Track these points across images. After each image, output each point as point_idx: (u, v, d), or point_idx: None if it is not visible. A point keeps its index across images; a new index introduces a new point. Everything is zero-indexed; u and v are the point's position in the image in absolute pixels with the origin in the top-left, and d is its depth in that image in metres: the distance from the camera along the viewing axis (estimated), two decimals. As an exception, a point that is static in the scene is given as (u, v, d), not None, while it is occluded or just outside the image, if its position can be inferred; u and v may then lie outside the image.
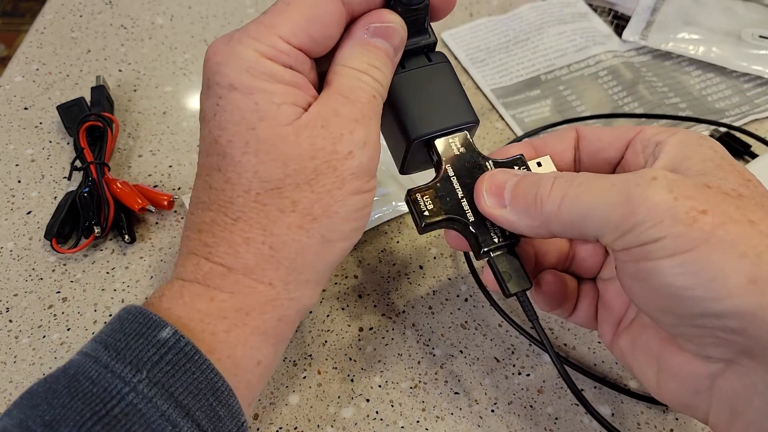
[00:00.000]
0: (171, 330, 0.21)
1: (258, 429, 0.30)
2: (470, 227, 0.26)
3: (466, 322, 0.34)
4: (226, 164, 0.23)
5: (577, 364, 0.32)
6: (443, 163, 0.27)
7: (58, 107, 0.42)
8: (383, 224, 0.38)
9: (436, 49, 0.28)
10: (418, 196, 0.26)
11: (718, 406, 0.22)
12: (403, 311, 0.34)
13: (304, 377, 0.32)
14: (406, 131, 0.27)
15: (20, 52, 0.48)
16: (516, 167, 0.27)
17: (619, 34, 0.49)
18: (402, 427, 0.30)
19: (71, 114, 0.42)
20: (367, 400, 0.31)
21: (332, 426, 0.30)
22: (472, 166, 0.27)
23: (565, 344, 0.33)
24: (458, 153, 0.27)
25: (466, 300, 0.34)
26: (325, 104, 0.24)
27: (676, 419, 0.30)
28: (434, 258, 0.36)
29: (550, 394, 0.31)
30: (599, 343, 0.33)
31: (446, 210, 0.26)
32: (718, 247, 0.19)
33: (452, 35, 0.50)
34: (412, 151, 0.27)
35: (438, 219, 0.26)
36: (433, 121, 0.27)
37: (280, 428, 0.30)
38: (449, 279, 0.35)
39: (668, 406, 0.28)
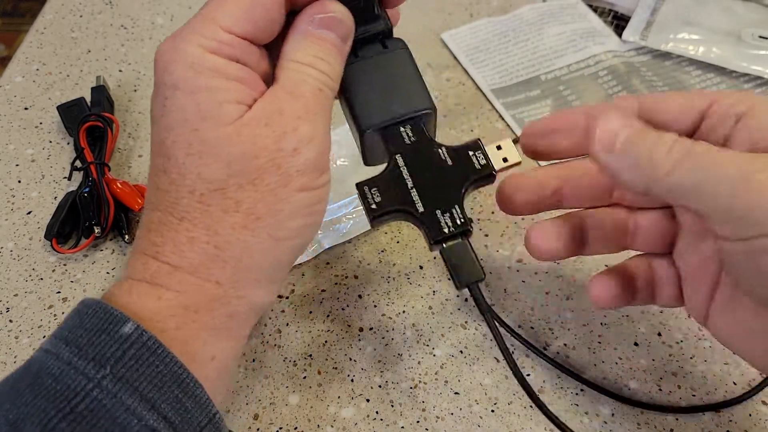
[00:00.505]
0: (133, 325, 0.21)
1: (258, 429, 0.30)
2: (419, 217, 0.25)
3: (466, 322, 0.34)
4: (171, 166, 0.23)
5: (575, 368, 0.32)
6: (393, 152, 0.26)
7: (58, 107, 0.42)
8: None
9: (399, 39, 0.27)
10: (366, 188, 0.26)
11: None
12: (403, 311, 0.34)
13: (304, 377, 0.32)
14: (358, 123, 0.26)
15: (20, 52, 0.48)
16: (471, 152, 0.26)
17: (619, 35, 0.49)
18: (402, 427, 0.30)
19: (71, 114, 0.42)
20: (367, 400, 0.31)
21: (332, 426, 0.30)
22: (424, 155, 0.26)
23: (566, 344, 0.33)
24: (410, 142, 0.26)
25: (466, 300, 0.34)
26: (269, 101, 0.24)
27: (676, 419, 0.30)
28: (434, 258, 0.36)
29: (550, 394, 0.31)
30: (599, 343, 0.33)
31: (394, 201, 0.25)
32: None
33: (452, 35, 0.50)
34: (367, 142, 0.27)
35: (385, 211, 0.25)
36: (384, 110, 0.26)
37: (280, 428, 0.30)
38: (449, 279, 0.35)
39: None
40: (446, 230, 0.25)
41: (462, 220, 0.25)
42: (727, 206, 0.20)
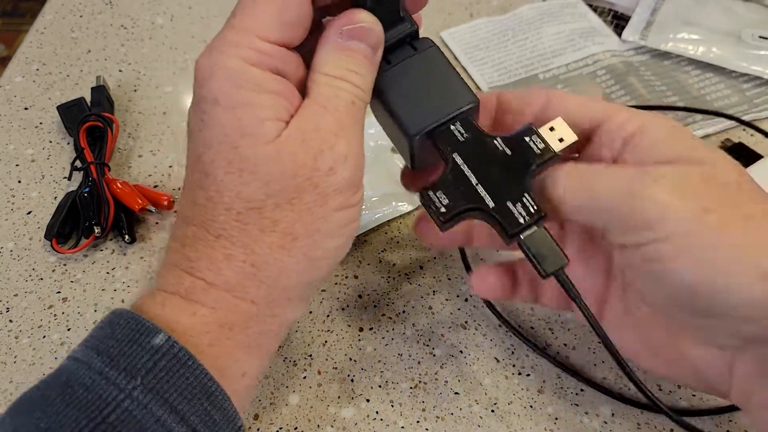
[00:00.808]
0: (164, 336, 0.21)
1: (258, 429, 0.30)
2: (492, 212, 0.24)
3: (466, 322, 0.34)
4: (209, 183, 0.23)
5: (575, 368, 0.32)
6: (450, 152, 0.25)
7: (58, 107, 0.42)
8: (383, 224, 0.38)
9: (426, 38, 0.27)
10: (430, 193, 0.25)
11: (737, 388, 0.24)
12: (403, 311, 0.34)
13: (305, 377, 0.32)
14: (404, 130, 0.26)
15: (20, 52, 0.48)
16: (527, 137, 0.25)
17: (619, 34, 0.49)
18: (402, 427, 0.30)
19: (71, 114, 0.42)
20: (367, 400, 0.31)
21: (332, 426, 0.30)
22: (481, 149, 0.25)
23: (565, 344, 0.33)
24: (463, 139, 0.25)
25: (466, 300, 0.34)
26: (304, 117, 0.23)
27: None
28: (434, 258, 0.36)
29: (550, 394, 0.31)
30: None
31: (463, 201, 0.25)
32: (726, 243, 0.21)
33: (451, 34, 0.50)
34: (417, 147, 0.26)
35: (456, 212, 0.25)
36: (429, 113, 0.25)
37: (281, 428, 0.30)
38: (449, 279, 0.35)
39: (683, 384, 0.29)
40: (522, 220, 0.24)
41: (535, 208, 0.24)
42: (620, 218, 0.22)
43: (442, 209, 0.25)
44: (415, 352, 0.32)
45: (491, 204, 0.24)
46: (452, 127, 0.25)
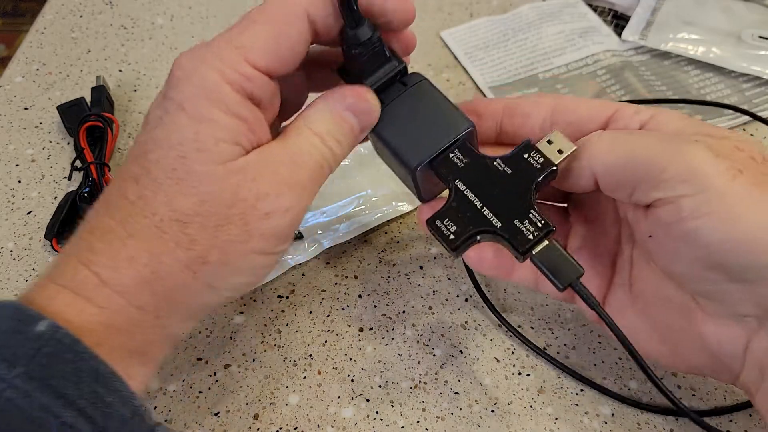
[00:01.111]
0: (48, 323, 0.21)
1: (258, 429, 0.30)
2: (500, 233, 0.25)
3: (466, 322, 0.34)
4: (147, 181, 0.23)
5: (575, 368, 0.32)
6: (452, 179, 0.26)
7: (58, 107, 0.42)
8: (383, 224, 0.38)
9: (416, 73, 0.27)
10: (438, 222, 0.25)
11: (750, 366, 0.24)
12: (403, 311, 0.34)
13: (305, 377, 0.32)
14: (405, 164, 0.26)
15: (20, 52, 0.48)
16: (526, 155, 0.26)
17: (619, 34, 0.49)
18: (402, 427, 0.30)
19: (71, 114, 0.42)
20: (367, 400, 0.31)
21: (332, 426, 0.30)
22: (482, 172, 0.26)
23: (565, 344, 0.33)
24: (463, 165, 0.26)
25: (466, 300, 0.34)
26: (267, 157, 0.23)
27: (676, 420, 0.30)
28: (434, 258, 0.36)
29: (550, 394, 0.31)
30: (599, 343, 0.33)
31: (470, 226, 0.25)
32: (760, 202, 0.21)
33: (451, 34, 0.50)
34: (420, 178, 0.27)
35: (465, 237, 0.25)
36: (427, 144, 0.26)
37: (281, 428, 0.30)
38: (449, 279, 0.35)
39: (685, 372, 0.30)
40: (531, 237, 0.24)
41: (542, 222, 0.24)
42: (657, 171, 0.23)
43: (451, 236, 0.25)
44: (415, 352, 0.32)
45: (498, 224, 0.25)
46: (451, 155, 0.26)
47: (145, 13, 0.51)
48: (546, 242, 0.24)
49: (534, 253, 0.24)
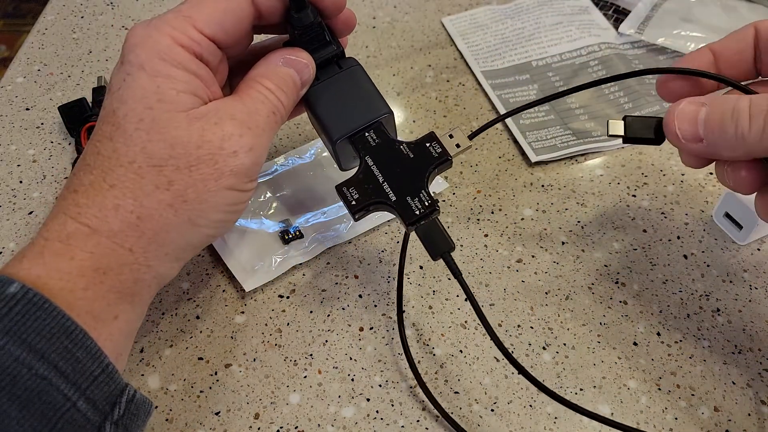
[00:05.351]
0: (18, 285, 0.22)
1: (259, 428, 0.30)
2: (393, 205, 0.29)
3: (466, 322, 0.34)
4: (118, 135, 0.25)
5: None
6: (363, 155, 0.30)
7: (59, 108, 0.42)
8: (383, 224, 0.38)
9: (352, 57, 0.32)
10: (344, 189, 0.29)
11: None
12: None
13: (305, 377, 0.32)
14: (328, 135, 0.30)
15: (22, 52, 0.48)
16: (428, 144, 0.30)
17: (617, 29, 0.49)
18: (402, 426, 0.30)
19: (73, 114, 0.42)
20: (368, 400, 0.31)
21: (332, 425, 0.30)
22: (389, 152, 0.30)
23: (565, 344, 0.33)
24: (375, 144, 0.30)
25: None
26: (225, 105, 0.27)
27: (675, 419, 0.30)
28: (434, 258, 0.36)
29: (550, 394, 0.31)
30: (599, 343, 0.33)
31: (370, 196, 0.29)
32: None
33: (452, 20, 0.51)
34: (339, 150, 0.31)
35: (364, 205, 0.29)
36: (349, 121, 0.30)
37: (281, 427, 0.30)
38: (449, 279, 0.35)
39: None
40: (417, 212, 0.29)
41: (429, 202, 0.29)
42: None
43: (353, 202, 0.29)
44: (415, 352, 0.32)
45: (393, 198, 0.29)
46: (366, 134, 0.30)
47: (146, 14, 0.52)
48: (429, 219, 0.29)
49: (417, 226, 0.29)
